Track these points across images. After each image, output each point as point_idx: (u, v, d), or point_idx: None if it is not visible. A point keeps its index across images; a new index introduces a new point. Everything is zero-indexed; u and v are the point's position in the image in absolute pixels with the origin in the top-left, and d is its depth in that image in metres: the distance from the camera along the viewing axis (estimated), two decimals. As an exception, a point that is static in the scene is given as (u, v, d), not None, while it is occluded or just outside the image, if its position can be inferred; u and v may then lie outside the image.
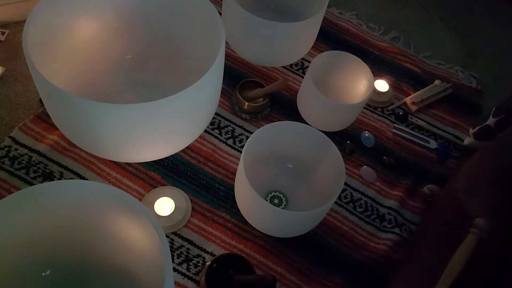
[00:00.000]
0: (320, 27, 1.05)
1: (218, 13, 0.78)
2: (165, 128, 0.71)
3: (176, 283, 0.80)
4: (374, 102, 1.14)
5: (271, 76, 1.13)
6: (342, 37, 1.28)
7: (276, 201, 0.91)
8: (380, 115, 1.13)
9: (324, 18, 1.24)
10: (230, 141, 0.99)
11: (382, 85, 1.16)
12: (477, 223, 0.68)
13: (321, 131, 0.86)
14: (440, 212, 0.85)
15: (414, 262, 0.83)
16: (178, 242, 0.84)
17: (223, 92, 1.02)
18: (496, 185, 0.71)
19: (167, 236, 0.84)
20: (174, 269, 0.82)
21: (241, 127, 1.02)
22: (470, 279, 0.66)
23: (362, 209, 0.96)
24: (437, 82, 1.22)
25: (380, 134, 1.09)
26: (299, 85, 1.12)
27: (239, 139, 1.00)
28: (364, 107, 1.13)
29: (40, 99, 0.96)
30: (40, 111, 0.94)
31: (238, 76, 1.10)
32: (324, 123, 1.01)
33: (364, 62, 1.01)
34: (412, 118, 1.14)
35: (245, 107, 1.01)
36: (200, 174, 0.93)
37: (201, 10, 0.82)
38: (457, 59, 1.34)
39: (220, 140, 0.99)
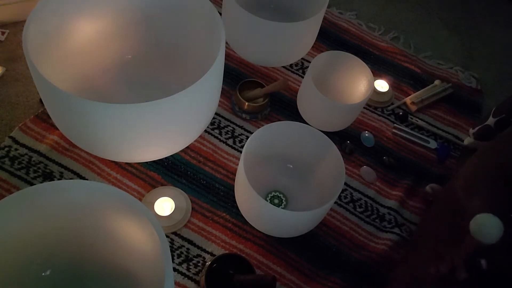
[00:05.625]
0: (320, 27, 1.05)
1: (218, 13, 0.78)
2: (165, 128, 0.71)
3: (176, 283, 0.80)
4: (374, 102, 1.14)
5: (271, 76, 1.13)
6: (342, 37, 1.28)
7: (276, 201, 0.91)
8: (380, 115, 1.13)
9: (324, 18, 1.24)
10: (230, 141, 0.99)
11: (382, 85, 1.16)
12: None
13: (321, 131, 0.86)
14: (440, 212, 0.85)
15: (414, 262, 0.83)
16: (178, 242, 0.84)
17: (223, 92, 1.02)
18: (495, 185, 0.72)
19: (167, 236, 0.84)
20: (174, 269, 0.82)
21: (241, 127, 1.02)
22: (471, 279, 0.66)
23: (362, 209, 0.96)
24: (437, 82, 1.22)
25: (380, 134, 1.09)
26: (299, 85, 1.12)
27: (239, 139, 1.00)
28: (364, 107, 1.13)
29: (40, 99, 0.96)
30: (40, 111, 0.94)
31: (238, 76, 1.10)
32: (324, 123, 1.01)
33: (364, 62, 1.00)
34: (412, 118, 1.14)
35: (245, 107, 1.01)
36: (200, 174, 0.93)
37: (201, 10, 0.82)
38: (457, 59, 1.34)
39: (220, 140, 0.99)
